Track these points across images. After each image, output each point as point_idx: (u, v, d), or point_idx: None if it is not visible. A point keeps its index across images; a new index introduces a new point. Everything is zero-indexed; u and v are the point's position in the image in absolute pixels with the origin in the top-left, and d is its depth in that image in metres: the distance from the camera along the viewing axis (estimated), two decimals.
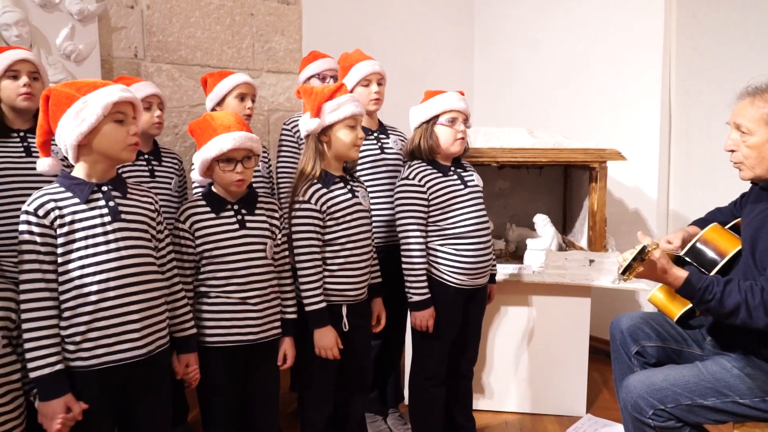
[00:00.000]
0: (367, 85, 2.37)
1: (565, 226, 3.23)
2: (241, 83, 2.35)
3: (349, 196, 1.97)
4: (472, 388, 2.42)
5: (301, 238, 1.90)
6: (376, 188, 2.35)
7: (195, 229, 1.75)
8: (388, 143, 2.43)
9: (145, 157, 2.27)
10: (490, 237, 2.22)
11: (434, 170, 2.14)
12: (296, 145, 2.50)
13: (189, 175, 2.27)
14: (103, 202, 1.52)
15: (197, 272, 1.78)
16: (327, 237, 1.94)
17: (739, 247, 1.83)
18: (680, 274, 1.67)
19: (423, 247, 2.12)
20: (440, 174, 2.14)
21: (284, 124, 2.59)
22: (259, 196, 1.87)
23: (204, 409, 1.83)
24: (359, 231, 1.98)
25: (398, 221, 2.14)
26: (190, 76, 2.98)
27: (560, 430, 2.63)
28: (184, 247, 1.74)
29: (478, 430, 2.50)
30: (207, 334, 1.76)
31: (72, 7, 2.51)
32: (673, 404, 1.72)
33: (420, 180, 2.11)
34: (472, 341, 2.34)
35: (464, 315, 2.23)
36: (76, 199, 1.49)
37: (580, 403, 2.74)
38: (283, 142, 2.54)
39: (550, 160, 2.73)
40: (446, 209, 2.12)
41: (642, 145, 3.27)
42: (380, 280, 2.17)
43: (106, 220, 1.51)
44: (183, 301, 1.71)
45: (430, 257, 2.15)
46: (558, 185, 3.28)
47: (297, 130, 2.44)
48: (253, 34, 3.22)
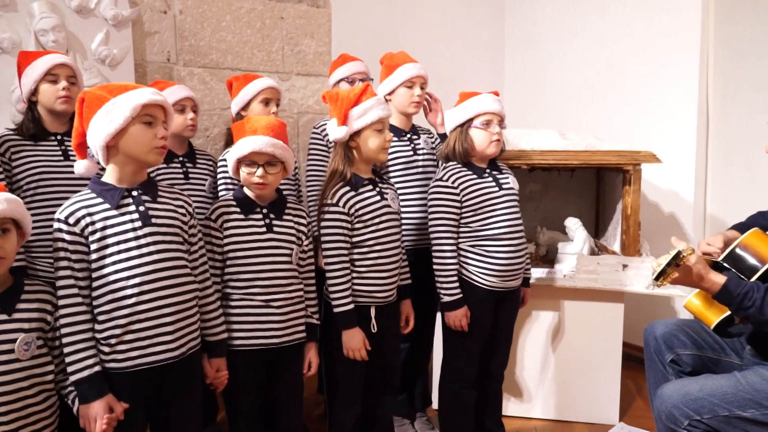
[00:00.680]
0: (410, 87, 2.36)
1: (597, 229, 3.17)
2: (266, 88, 2.36)
3: (378, 198, 1.97)
4: (503, 393, 2.39)
5: (329, 240, 1.91)
6: (408, 190, 2.35)
7: (224, 227, 1.77)
8: (419, 143, 2.43)
9: (180, 159, 2.30)
10: (524, 240, 2.19)
11: (468, 172, 2.13)
12: (325, 148, 2.51)
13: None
14: (133, 207, 1.53)
15: (222, 273, 1.79)
16: (355, 239, 1.94)
17: None
18: (718, 280, 1.62)
19: (454, 248, 2.12)
20: (474, 176, 2.13)
21: (314, 127, 2.61)
22: (288, 202, 1.88)
23: (230, 411, 1.84)
24: (387, 233, 1.98)
25: (430, 222, 2.15)
26: (220, 80, 3.02)
27: None
28: (216, 246, 1.76)
29: None
30: (232, 336, 1.77)
31: (107, 13, 2.57)
32: (709, 415, 1.66)
33: (453, 182, 2.11)
34: (503, 344, 2.32)
35: (494, 317, 2.22)
36: (106, 205, 1.51)
37: (613, 411, 2.68)
38: (312, 146, 2.56)
39: (581, 163, 2.68)
40: (478, 211, 2.11)
41: (678, 147, 3.19)
42: (410, 282, 2.17)
43: (137, 225, 1.52)
44: (215, 304, 1.72)
45: (461, 258, 2.15)
46: (590, 188, 3.22)
47: (326, 134, 2.45)
48: (283, 38, 3.24)
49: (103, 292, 1.49)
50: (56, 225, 1.49)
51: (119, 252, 1.50)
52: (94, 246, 1.49)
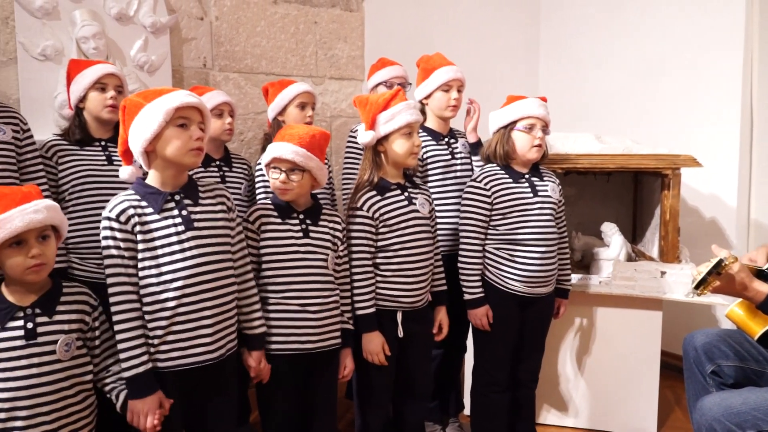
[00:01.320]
0: (447, 91, 2.34)
1: (634, 235, 3.10)
2: (302, 92, 2.38)
3: (405, 203, 1.97)
4: (535, 401, 2.36)
5: (355, 244, 1.93)
6: (445, 194, 2.34)
7: (261, 230, 1.79)
8: (457, 147, 2.41)
9: (217, 163, 2.34)
10: (555, 249, 2.16)
11: (504, 175, 2.13)
12: (361, 152, 2.51)
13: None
14: (176, 212, 1.56)
15: (257, 276, 1.80)
16: (380, 243, 1.95)
17: None
18: (762, 289, 1.56)
19: (479, 249, 2.14)
20: (510, 180, 2.12)
21: (351, 131, 2.62)
22: (324, 208, 1.89)
23: (264, 415, 1.86)
24: (415, 238, 1.97)
25: (460, 221, 2.16)
26: (255, 84, 3.05)
27: None
28: (252, 248, 1.78)
29: None
30: (269, 341, 1.78)
31: (146, 20, 2.63)
32: (753, 430, 1.60)
33: (486, 183, 2.11)
34: (533, 351, 2.30)
35: (521, 322, 2.20)
36: (150, 209, 1.54)
37: (651, 421, 2.61)
38: (348, 150, 2.58)
39: (618, 167, 2.63)
40: (507, 215, 2.10)
41: (720, 151, 3.10)
42: (445, 288, 2.15)
43: (180, 229, 1.54)
44: (255, 298, 1.73)
45: (487, 260, 2.16)
46: (627, 193, 3.15)
47: None
48: (317, 42, 3.26)
49: (147, 293, 1.52)
50: (106, 223, 1.52)
51: (163, 255, 1.53)
52: (140, 246, 1.52)
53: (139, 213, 1.52)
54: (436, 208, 2.18)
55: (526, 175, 2.15)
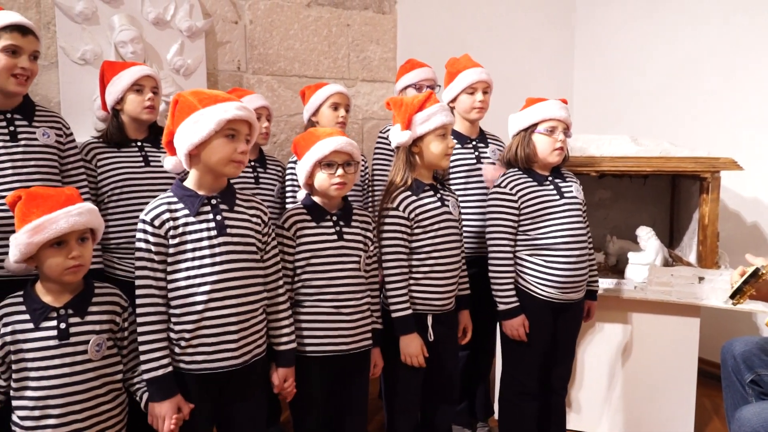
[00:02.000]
0: (472, 93, 2.32)
1: (671, 239, 3.03)
2: (335, 93, 2.40)
3: (438, 204, 1.96)
4: (566, 408, 2.32)
5: (389, 245, 1.92)
6: (468, 197, 2.31)
7: (297, 236, 1.77)
8: (486, 152, 2.38)
9: (251, 164, 2.36)
10: (587, 252, 2.12)
11: (529, 179, 2.08)
12: (391, 152, 2.51)
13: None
14: (211, 216, 1.56)
15: (292, 281, 1.80)
16: (414, 244, 1.93)
17: None
18: None
19: (510, 256, 2.09)
20: (535, 183, 2.08)
21: (380, 132, 2.62)
22: (354, 209, 1.88)
23: (296, 418, 1.86)
24: (447, 240, 1.96)
25: (488, 229, 2.12)
26: (288, 87, 3.09)
27: None
28: (288, 255, 1.76)
29: None
30: (303, 344, 1.77)
31: (182, 24, 2.68)
32: None
33: (512, 189, 2.07)
34: (564, 357, 2.25)
35: (554, 329, 2.16)
36: (186, 211, 1.55)
37: (687, 430, 2.54)
38: (379, 150, 2.57)
39: (655, 169, 2.57)
40: (537, 219, 2.06)
41: (761, 153, 3.00)
42: (468, 292, 2.14)
43: (213, 234, 1.55)
44: (286, 313, 1.71)
45: (518, 267, 2.11)
46: (664, 196, 3.08)
47: None
48: (349, 44, 3.28)
49: (175, 295, 1.54)
50: (141, 226, 1.54)
51: (194, 259, 1.54)
52: (172, 250, 1.54)
53: (175, 217, 1.54)
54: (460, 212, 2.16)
55: (550, 177, 2.12)
